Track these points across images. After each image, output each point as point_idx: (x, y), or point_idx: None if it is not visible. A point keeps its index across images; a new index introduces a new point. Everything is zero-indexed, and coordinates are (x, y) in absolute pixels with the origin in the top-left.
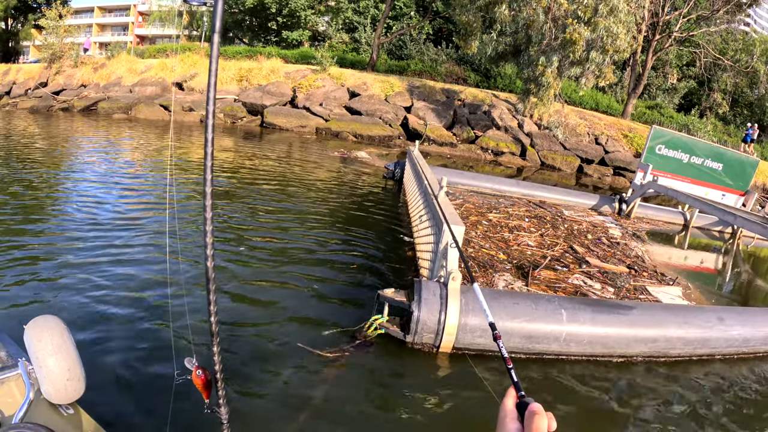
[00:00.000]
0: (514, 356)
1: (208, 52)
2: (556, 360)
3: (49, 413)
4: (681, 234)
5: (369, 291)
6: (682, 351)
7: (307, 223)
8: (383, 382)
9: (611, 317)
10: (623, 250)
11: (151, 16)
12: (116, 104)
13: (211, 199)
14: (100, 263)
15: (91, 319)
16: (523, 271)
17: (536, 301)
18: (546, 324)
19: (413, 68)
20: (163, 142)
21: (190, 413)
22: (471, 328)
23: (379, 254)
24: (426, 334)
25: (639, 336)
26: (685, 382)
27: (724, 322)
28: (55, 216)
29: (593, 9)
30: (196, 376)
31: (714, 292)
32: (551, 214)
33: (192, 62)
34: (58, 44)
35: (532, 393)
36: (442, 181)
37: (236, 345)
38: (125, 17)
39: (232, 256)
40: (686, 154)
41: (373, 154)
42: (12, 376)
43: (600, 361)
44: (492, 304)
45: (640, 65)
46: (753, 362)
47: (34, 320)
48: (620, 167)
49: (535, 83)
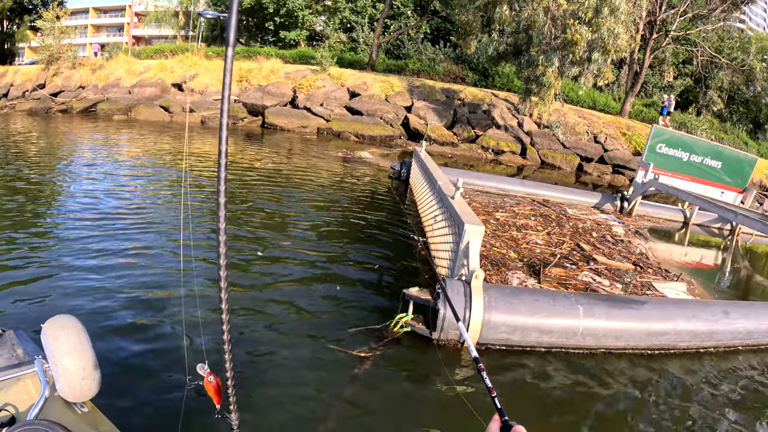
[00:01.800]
0: (534, 350)
1: (207, 53)
2: (573, 354)
3: (63, 411)
4: (681, 231)
5: (388, 290)
6: (690, 343)
7: (319, 224)
8: (414, 378)
9: (624, 312)
10: (627, 247)
11: (147, 17)
12: (115, 105)
13: (224, 209)
14: (114, 266)
15: (104, 322)
16: (534, 269)
17: (554, 297)
18: (564, 319)
19: (411, 67)
20: (166, 143)
21: (202, 418)
22: (494, 324)
23: (393, 254)
24: (451, 331)
25: (651, 329)
26: (694, 373)
27: (729, 316)
28: (71, 218)
29: (594, 10)
30: (208, 382)
31: (716, 288)
32: (555, 212)
33: (191, 63)
34: (56, 45)
35: (552, 388)
36: (458, 182)
37: (262, 347)
38: (120, 18)
39: (249, 256)
40: (686, 152)
41: (375, 154)
42: (28, 373)
43: (614, 354)
44: (513, 300)
45: (638, 64)
46: (757, 354)
47: (52, 319)
48: (619, 165)
49: (537, 83)
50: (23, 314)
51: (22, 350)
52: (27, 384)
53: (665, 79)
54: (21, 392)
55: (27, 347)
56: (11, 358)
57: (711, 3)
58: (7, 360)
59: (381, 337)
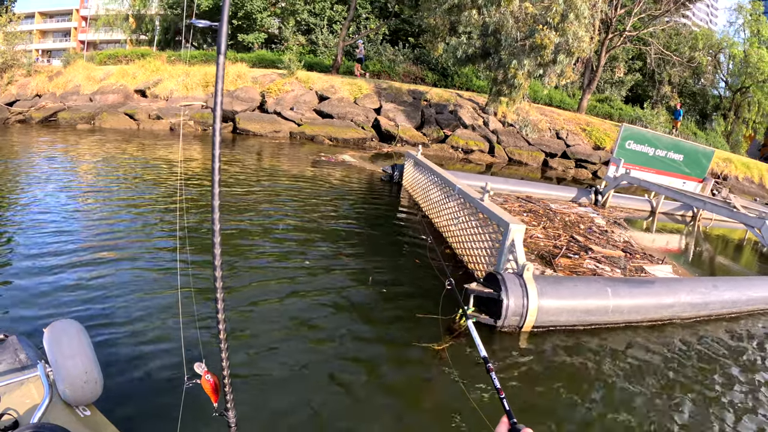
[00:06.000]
0: (575, 329)
1: (169, 58)
2: (604, 329)
3: (66, 414)
4: (648, 219)
5: (432, 286)
6: (690, 314)
7: (336, 229)
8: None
9: (641, 290)
10: (611, 236)
11: (98, 21)
12: (78, 114)
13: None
14: (110, 266)
15: (102, 322)
16: (545, 260)
17: (587, 282)
18: (598, 299)
19: (371, 69)
20: (140, 150)
21: (200, 417)
22: (546, 310)
23: (426, 252)
24: (512, 318)
25: (662, 303)
26: (697, 336)
27: (718, 289)
28: (66, 221)
29: (561, 15)
30: (206, 381)
31: (692, 267)
32: (542, 208)
33: (154, 68)
34: (10, 52)
35: (594, 362)
36: (486, 186)
37: (360, 348)
38: (67, 22)
39: (293, 265)
40: (651, 147)
41: (356, 157)
42: (31, 377)
43: (634, 326)
44: (558, 287)
45: (594, 62)
46: (742, 320)
47: (54, 323)
48: (581, 159)
49: (507, 84)
50: (24, 318)
51: (24, 355)
52: (30, 388)
53: (616, 75)
54: (24, 396)
55: (29, 352)
56: (14, 363)
57: (664, 3)
58: (9, 364)
59: (450, 330)
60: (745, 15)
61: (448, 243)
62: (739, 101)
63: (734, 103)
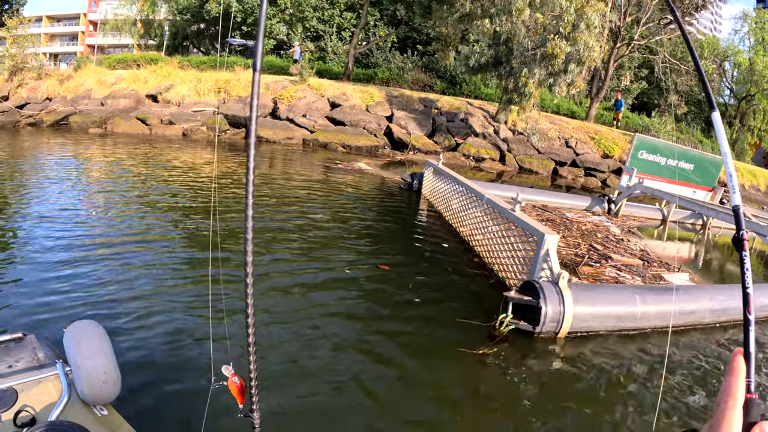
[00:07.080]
0: (608, 335)
1: (180, 63)
2: (636, 335)
3: (84, 413)
4: (660, 228)
5: (467, 294)
6: (710, 320)
7: (368, 235)
8: (532, 367)
9: (665, 297)
10: (627, 244)
11: (107, 26)
12: (89, 118)
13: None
14: (138, 268)
15: (129, 323)
16: (569, 268)
17: (617, 290)
18: (628, 306)
19: (380, 76)
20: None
21: (225, 418)
22: (580, 316)
23: (457, 259)
24: (550, 324)
25: (685, 310)
26: (716, 341)
27: (736, 296)
28: (95, 224)
29: (572, 25)
30: (232, 383)
31: (704, 274)
32: (558, 217)
33: (166, 73)
34: (20, 54)
35: (631, 365)
36: (518, 196)
37: (401, 350)
38: (75, 26)
39: (338, 274)
40: (663, 157)
41: (372, 165)
42: (50, 376)
43: (659, 332)
44: (591, 294)
45: (603, 71)
46: (759, 325)
47: (74, 324)
48: (591, 168)
49: (518, 93)
50: (45, 319)
51: (44, 353)
52: (48, 386)
53: (623, 83)
54: (42, 394)
55: (47, 351)
56: (32, 361)
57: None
58: (28, 363)
59: (491, 337)
60: (750, 23)
61: (476, 252)
62: (744, 109)
63: (739, 111)
